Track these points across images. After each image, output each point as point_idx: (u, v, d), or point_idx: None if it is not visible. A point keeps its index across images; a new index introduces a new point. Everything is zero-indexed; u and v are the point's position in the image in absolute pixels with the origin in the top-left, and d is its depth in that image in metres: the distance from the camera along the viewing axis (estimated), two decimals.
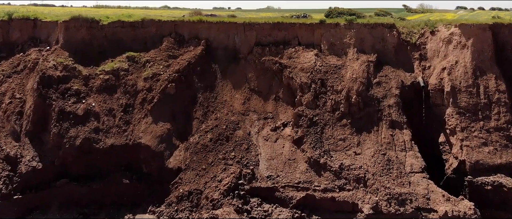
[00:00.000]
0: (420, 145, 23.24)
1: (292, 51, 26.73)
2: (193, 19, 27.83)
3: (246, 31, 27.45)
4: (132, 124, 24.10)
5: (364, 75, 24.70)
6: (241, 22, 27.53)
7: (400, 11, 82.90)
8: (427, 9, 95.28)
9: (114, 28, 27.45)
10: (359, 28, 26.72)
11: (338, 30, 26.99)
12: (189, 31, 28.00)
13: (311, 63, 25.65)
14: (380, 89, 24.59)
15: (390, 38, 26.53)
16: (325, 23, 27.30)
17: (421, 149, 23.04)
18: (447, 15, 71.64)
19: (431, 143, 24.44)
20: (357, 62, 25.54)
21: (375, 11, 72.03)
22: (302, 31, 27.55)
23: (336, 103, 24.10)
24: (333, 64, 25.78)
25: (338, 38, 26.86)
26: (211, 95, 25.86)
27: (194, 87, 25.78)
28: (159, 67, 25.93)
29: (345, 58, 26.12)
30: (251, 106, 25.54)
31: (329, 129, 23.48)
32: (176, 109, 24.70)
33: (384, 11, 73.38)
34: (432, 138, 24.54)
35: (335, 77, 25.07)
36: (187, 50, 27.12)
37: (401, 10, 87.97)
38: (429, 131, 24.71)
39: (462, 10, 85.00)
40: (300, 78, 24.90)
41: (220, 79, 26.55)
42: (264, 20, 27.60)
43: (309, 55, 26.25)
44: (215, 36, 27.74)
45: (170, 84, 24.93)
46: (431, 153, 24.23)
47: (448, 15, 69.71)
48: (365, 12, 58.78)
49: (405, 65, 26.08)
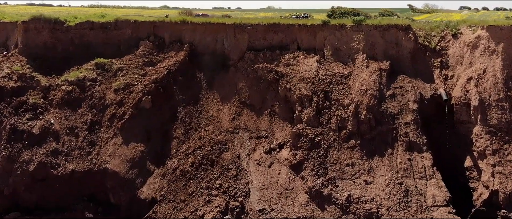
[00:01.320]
0: (442, 170, 19.58)
1: (290, 57, 23.02)
2: (175, 20, 24.17)
3: (237, 34, 23.74)
4: (98, 145, 20.38)
5: (375, 86, 20.97)
6: (231, 23, 23.84)
7: (405, 11, 79.77)
8: (433, 9, 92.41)
9: (82, 30, 23.80)
10: (369, 30, 23.01)
11: (344, 32, 23.27)
12: (170, 33, 24.32)
13: (313, 71, 21.94)
14: (394, 104, 20.88)
15: (405, 42, 22.80)
16: (329, 24, 23.61)
17: (444, 175, 19.36)
18: (454, 15, 68.35)
19: (455, 168, 20.76)
20: (366, 71, 21.81)
21: (380, 11, 68.78)
22: (302, 34, 23.83)
23: (342, 120, 20.38)
24: (339, 73, 22.04)
25: (344, 42, 23.13)
26: (195, 110, 22.14)
27: (175, 100, 22.06)
28: (133, 76, 22.21)
29: (353, 66, 22.38)
30: (241, 123, 21.82)
31: (334, 151, 19.75)
32: (151, 127, 21.00)
33: (389, 11, 70.00)
34: (456, 162, 20.85)
35: (341, 89, 21.34)
36: (168, 56, 23.43)
37: (406, 10, 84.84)
38: (453, 153, 21.01)
39: (466, 10, 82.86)
40: (300, 89, 21.19)
41: (206, 90, 22.83)
42: (257, 21, 23.95)
43: (310, 62, 22.53)
44: (200, 39, 24.05)
45: (146, 97, 21.23)
46: (456, 180, 20.53)
47: (455, 15, 66.38)
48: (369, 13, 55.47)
49: (423, 74, 22.40)
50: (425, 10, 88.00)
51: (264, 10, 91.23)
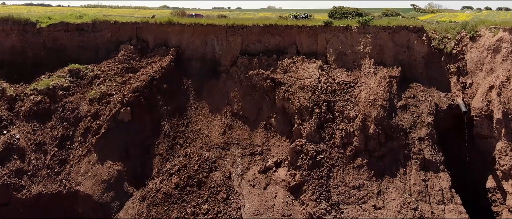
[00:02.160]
0: (462, 192, 17.32)
1: (289, 62, 20.69)
2: (160, 21, 21.80)
3: (229, 37, 21.39)
4: (69, 164, 18.04)
5: (385, 96, 18.63)
6: (222, 24, 21.49)
7: (408, 11, 77.85)
8: (437, 9, 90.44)
9: (55, 32, 21.46)
10: (377, 32, 20.67)
11: (348, 35, 20.93)
12: (155, 36, 21.98)
13: (314, 79, 19.62)
14: (407, 116, 18.54)
15: (418, 46, 20.47)
16: (332, 25, 21.28)
17: (463, 198, 17.16)
18: (460, 15, 66.23)
19: (476, 190, 18.47)
20: (375, 78, 19.48)
21: (383, 10, 66.70)
22: (302, 37, 21.50)
23: (347, 135, 18.04)
24: (343, 80, 19.71)
25: (349, 46, 20.80)
26: (181, 123, 19.79)
27: (158, 111, 19.73)
28: (112, 84, 19.85)
29: (359, 73, 20.05)
30: (233, 137, 19.48)
31: (339, 172, 17.41)
32: (131, 142, 18.65)
33: (392, 10, 67.96)
34: (477, 183, 18.53)
35: (346, 99, 18.99)
36: (151, 61, 21.10)
37: (409, 9, 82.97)
38: (474, 172, 18.68)
39: (469, 10, 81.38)
40: (299, 99, 18.85)
41: (194, 100, 20.49)
42: (252, 22, 21.59)
43: (311, 68, 20.21)
44: (188, 42, 21.71)
45: (124, 108, 18.88)
46: (477, 203, 18.23)
47: (461, 15, 64.24)
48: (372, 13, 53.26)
49: (439, 82, 20.08)
50: (429, 10, 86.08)
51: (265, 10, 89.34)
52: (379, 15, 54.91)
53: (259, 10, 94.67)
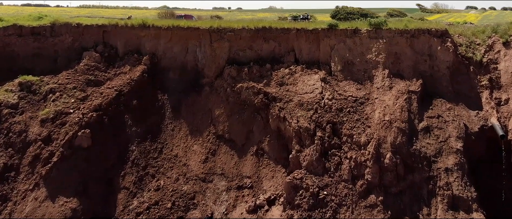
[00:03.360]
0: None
1: (285, 73, 17.39)
2: (131, 24, 18.49)
3: (214, 42, 18.08)
4: (11, 201, 14.76)
5: (403, 116, 15.30)
6: (205, 27, 18.19)
7: (414, 11, 74.98)
8: (443, 9, 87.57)
9: (6, 37, 18.25)
10: (392, 37, 17.33)
11: (357, 40, 17.60)
12: (125, 41, 18.71)
13: (316, 94, 16.30)
14: (430, 141, 15.21)
15: (442, 53, 17.13)
16: (337, 28, 17.95)
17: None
18: (468, 15, 62.99)
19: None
20: (390, 94, 16.14)
21: (388, 10, 63.61)
22: (301, 42, 18.19)
23: (358, 166, 14.69)
24: (352, 96, 16.37)
25: (358, 54, 17.46)
26: (153, 148, 16.49)
27: (125, 134, 16.45)
28: (69, 101, 16.56)
29: (371, 87, 16.71)
30: (217, 166, 16.16)
31: (347, 212, 14.10)
32: (90, 174, 15.34)
33: (398, 10, 64.88)
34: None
35: (355, 120, 15.65)
36: (120, 72, 17.82)
37: (414, 10, 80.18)
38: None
39: (474, 10, 79.06)
40: (298, 120, 15.52)
41: (170, 119, 17.18)
42: (241, 25, 18.25)
43: (312, 80, 16.91)
44: (165, 49, 18.42)
45: (83, 130, 15.58)
46: None
47: (469, 16, 60.97)
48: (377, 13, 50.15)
49: (467, 98, 16.78)
50: (435, 10, 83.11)
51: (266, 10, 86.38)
52: (385, 15, 52.08)
53: (260, 10, 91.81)
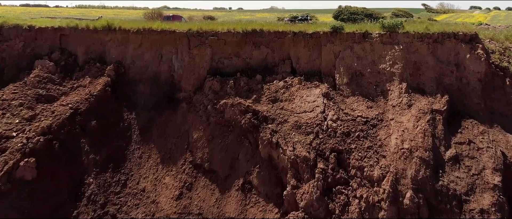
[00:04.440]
0: None
1: (280, 87, 14.35)
2: (94, 26, 15.43)
3: (194, 48, 15.05)
4: None
5: (426, 143, 12.26)
6: (183, 30, 15.12)
7: (419, 11, 72.48)
8: (449, 9, 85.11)
9: None
10: (410, 42, 14.27)
11: (367, 46, 14.54)
12: (86, 47, 15.70)
13: (317, 113, 13.29)
14: (461, 175, 12.19)
15: (472, 62, 14.06)
16: (342, 32, 14.90)
17: None
18: (476, 16, 60.26)
19: None
20: (409, 114, 13.09)
21: (393, 10, 60.88)
22: (298, 48, 15.14)
23: (369, 208, 11.69)
24: (361, 116, 13.32)
25: (369, 63, 14.41)
26: (115, 180, 13.47)
27: (81, 163, 13.41)
28: (13, 121, 13.56)
29: (385, 104, 13.66)
30: (193, 205, 13.14)
31: None
32: (35, 214, 12.26)
33: (403, 11, 62.15)
34: None
35: (366, 148, 12.61)
36: (78, 85, 14.81)
37: (419, 10, 77.75)
38: None
39: (478, 10, 76.48)
40: (294, 146, 12.52)
41: (138, 143, 14.16)
42: (227, 27, 15.14)
43: (313, 95, 13.87)
44: (135, 57, 15.39)
45: (27, 159, 12.58)
46: None
47: (478, 16, 58.25)
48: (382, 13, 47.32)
49: (504, 117, 13.75)
50: (441, 10, 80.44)
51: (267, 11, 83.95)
52: (390, 16, 49.33)
53: (261, 10, 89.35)
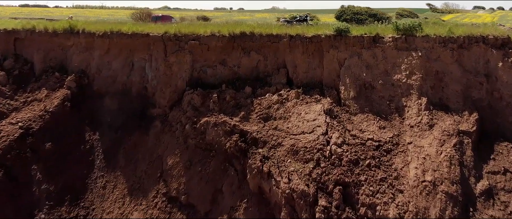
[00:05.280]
0: None
1: (273, 101, 12.02)
2: (53, 29, 13.12)
3: (171, 55, 12.72)
4: None
5: (453, 174, 9.95)
6: (158, 33, 12.76)
7: (424, 11, 71.04)
8: (454, 9, 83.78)
9: None
10: (431, 48, 11.93)
11: (379, 52, 12.20)
12: (45, 53, 13.45)
13: (317, 135, 10.99)
14: (496, 212, 9.99)
15: (505, 72, 11.73)
16: (349, 35, 12.54)
17: None
18: (483, 16, 58.40)
19: None
20: (431, 136, 10.77)
21: (397, 10, 59.23)
22: (296, 55, 12.82)
23: None
24: (372, 139, 10.99)
25: (381, 73, 12.07)
26: (73, 215, 11.18)
27: (31, 195, 11.12)
28: None
29: (401, 124, 11.32)
30: None
31: None
32: None
33: (408, 11, 60.38)
34: None
35: (378, 180, 10.28)
36: (33, 99, 12.56)
37: (425, 10, 76.32)
38: None
39: (481, 10, 75.43)
40: (289, 176, 10.25)
41: (101, 170, 11.86)
42: (210, 29, 12.78)
43: (313, 112, 11.57)
44: (100, 65, 13.08)
45: None
46: None
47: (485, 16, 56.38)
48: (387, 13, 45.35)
49: None
50: (446, 9, 78.77)
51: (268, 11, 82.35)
52: (396, 16, 47.32)
53: (262, 10, 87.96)
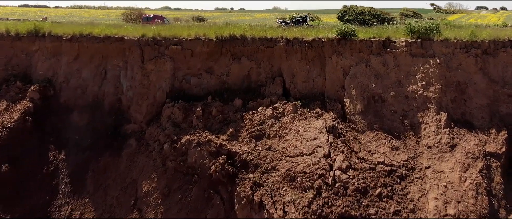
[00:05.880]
0: None
1: (266, 116, 10.39)
2: (16, 31, 11.46)
3: (148, 63, 11.09)
4: None
5: (480, 206, 8.40)
6: (134, 37, 11.08)
7: (428, 11, 70.65)
8: (458, 9, 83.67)
9: None
10: (451, 54, 10.30)
11: (390, 59, 10.55)
12: (6, 60, 11.95)
13: (318, 157, 9.35)
14: None
15: None
16: (354, 39, 10.85)
17: None
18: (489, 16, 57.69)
19: None
20: (453, 159, 9.12)
21: (400, 10, 58.56)
22: (293, 61, 11.16)
23: None
24: (383, 163, 9.31)
25: (393, 83, 10.41)
26: None
27: None
28: None
29: (416, 144, 9.65)
30: None
31: None
32: None
33: (412, 11, 59.55)
34: None
35: (391, 213, 8.64)
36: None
37: (428, 10, 76.15)
38: None
39: (485, 11, 75.44)
40: (285, 208, 8.69)
41: (66, 197, 10.23)
42: (194, 32, 11.14)
43: (313, 130, 9.92)
44: (69, 73, 11.46)
45: None
46: None
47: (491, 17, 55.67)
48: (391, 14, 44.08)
49: None
50: (450, 10, 78.31)
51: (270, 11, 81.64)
52: (400, 16, 46.22)
53: (263, 10, 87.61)
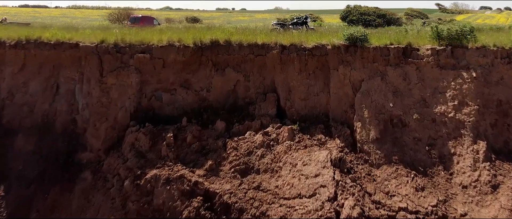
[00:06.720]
0: None
1: (256, 144, 8.23)
2: None
3: (109, 75, 8.92)
4: None
5: None
6: (91, 44, 8.92)
7: (433, 12, 70.28)
8: (464, 9, 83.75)
9: None
10: (489, 66, 8.14)
11: (411, 71, 8.42)
12: None
13: (322, 201, 7.32)
14: None
15: None
16: (366, 46, 8.66)
17: None
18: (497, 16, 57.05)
19: None
20: (496, 204, 7.14)
21: (406, 11, 57.59)
22: (290, 74, 9.02)
23: None
24: (405, 209, 7.14)
25: (417, 102, 8.28)
26: None
27: None
28: None
29: (447, 182, 7.53)
30: None
31: None
32: None
33: (417, 11, 58.41)
34: None
35: None
36: None
37: (433, 10, 76.04)
38: None
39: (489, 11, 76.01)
40: None
41: None
42: (167, 37, 8.95)
43: (314, 163, 7.82)
44: (14, 87, 9.30)
45: None
46: None
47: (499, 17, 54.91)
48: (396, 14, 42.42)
49: None
50: (456, 10, 77.89)
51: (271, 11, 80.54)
52: (406, 17, 44.68)
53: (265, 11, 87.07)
